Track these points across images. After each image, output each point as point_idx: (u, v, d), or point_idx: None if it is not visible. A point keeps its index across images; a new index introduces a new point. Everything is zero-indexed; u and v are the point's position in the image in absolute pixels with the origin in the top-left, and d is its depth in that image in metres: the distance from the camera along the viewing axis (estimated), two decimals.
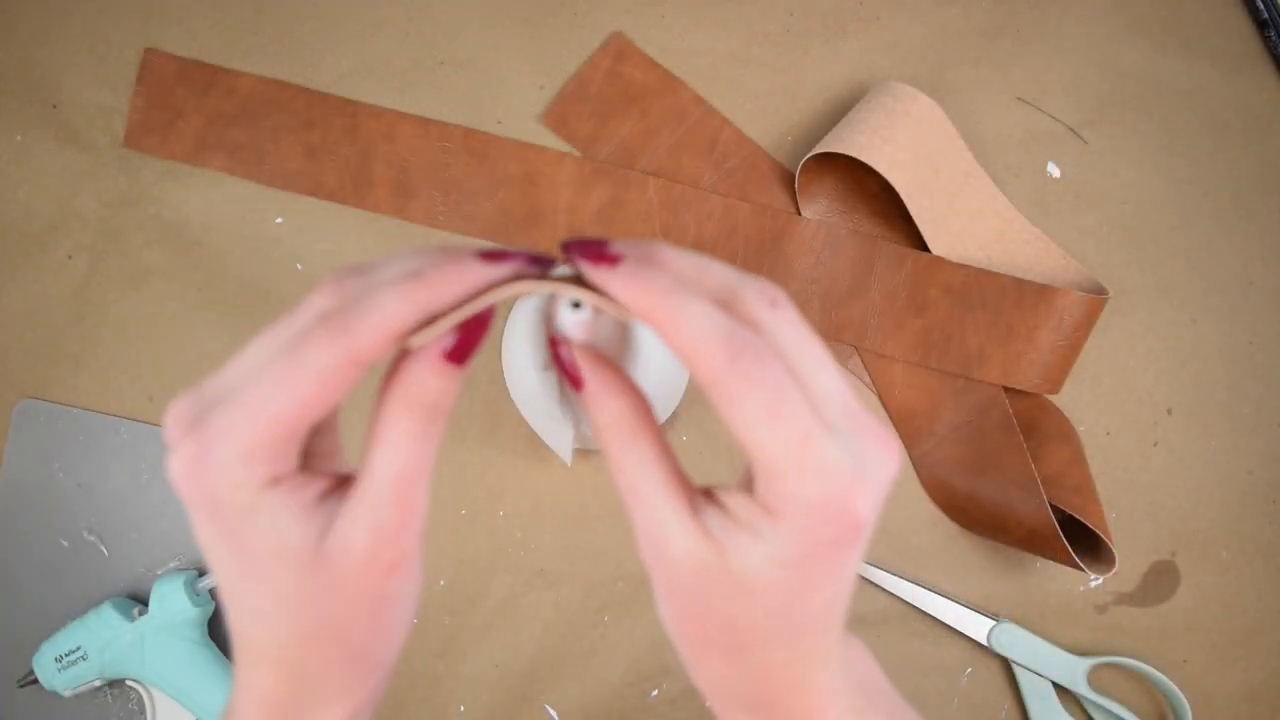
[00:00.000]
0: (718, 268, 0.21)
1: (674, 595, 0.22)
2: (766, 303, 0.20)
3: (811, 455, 0.19)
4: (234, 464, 0.19)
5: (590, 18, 0.52)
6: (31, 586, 0.52)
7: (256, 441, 0.19)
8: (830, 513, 0.20)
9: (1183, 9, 0.52)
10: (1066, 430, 0.50)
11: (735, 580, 0.21)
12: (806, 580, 0.21)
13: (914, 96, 0.48)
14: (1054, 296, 0.48)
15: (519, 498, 0.51)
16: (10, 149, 0.53)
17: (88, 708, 0.52)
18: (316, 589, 0.21)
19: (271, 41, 0.53)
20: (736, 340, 0.19)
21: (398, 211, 0.52)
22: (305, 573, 0.20)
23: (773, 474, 0.20)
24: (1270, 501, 0.51)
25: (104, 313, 0.53)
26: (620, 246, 0.21)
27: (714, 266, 0.21)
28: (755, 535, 0.20)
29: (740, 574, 0.21)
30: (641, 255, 0.21)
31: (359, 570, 0.21)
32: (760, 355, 0.19)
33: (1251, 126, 0.52)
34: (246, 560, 0.20)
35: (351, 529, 0.20)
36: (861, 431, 0.21)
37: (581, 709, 0.51)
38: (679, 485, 0.22)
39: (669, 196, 0.51)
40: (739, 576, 0.21)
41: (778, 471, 0.20)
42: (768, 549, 0.20)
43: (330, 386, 0.19)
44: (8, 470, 0.52)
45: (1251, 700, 0.50)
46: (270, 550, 0.20)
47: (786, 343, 0.20)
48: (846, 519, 0.20)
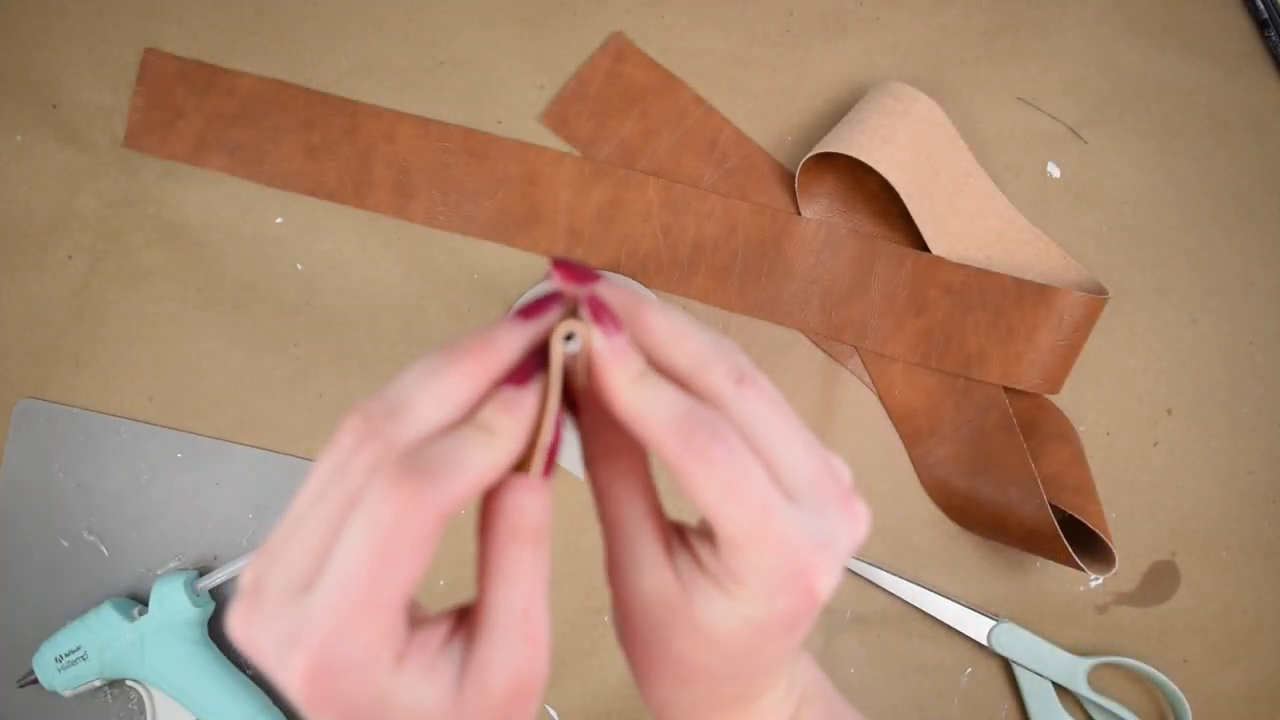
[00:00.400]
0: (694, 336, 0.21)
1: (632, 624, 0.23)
2: (734, 380, 0.21)
3: (771, 530, 0.20)
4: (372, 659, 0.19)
5: (590, 18, 0.52)
6: (31, 586, 0.52)
7: (377, 634, 0.19)
8: (789, 586, 0.20)
9: (1183, 9, 0.52)
10: (1066, 430, 0.50)
11: (696, 625, 0.21)
12: (763, 639, 0.21)
13: (914, 96, 0.48)
14: (1054, 296, 0.48)
15: None
16: (10, 149, 0.53)
17: (88, 708, 0.52)
18: None
19: (271, 41, 0.53)
20: (691, 422, 0.20)
21: (398, 211, 0.52)
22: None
23: (734, 546, 0.20)
24: (1270, 501, 0.51)
25: (104, 313, 0.53)
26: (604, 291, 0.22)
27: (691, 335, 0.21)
28: (720, 590, 0.21)
29: (702, 622, 0.21)
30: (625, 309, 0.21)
31: (502, 707, 0.20)
32: (716, 435, 0.20)
33: (1251, 126, 0.52)
34: None
35: (491, 674, 0.20)
36: (828, 501, 0.21)
37: (581, 709, 0.51)
38: (658, 522, 0.22)
39: (669, 196, 0.51)
40: (700, 623, 0.21)
41: (738, 545, 0.20)
42: (730, 606, 0.21)
43: (426, 552, 0.19)
44: (8, 470, 0.52)
45: (1251, 700, 0.50)
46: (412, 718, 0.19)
47: (751, 417, 0.21)
48: (805, 594, 0.20)
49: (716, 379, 0.21)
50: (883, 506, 0.51)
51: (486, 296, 0.52)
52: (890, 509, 0.51)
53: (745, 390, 0.21)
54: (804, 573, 0.20)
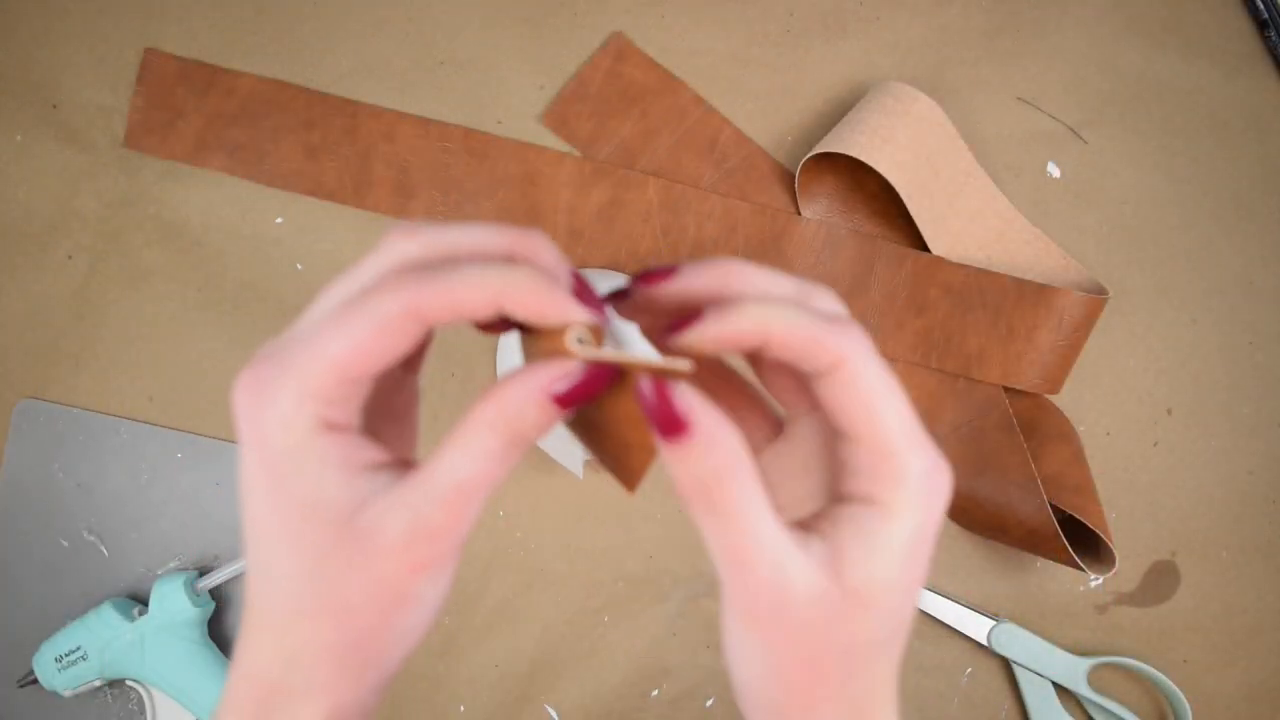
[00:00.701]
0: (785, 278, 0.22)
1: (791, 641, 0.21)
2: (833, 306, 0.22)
3: (919, 430, 0.21)
4: (287, 400, 0.19)
5: (590, 18, 0.52)
6: (31, 586, 0.52)
7: (312, 380, 0.19)
8: (936, 483, 0.21)
9: (1183, 9, 0.52)
10: (1066, 430, 0.50)
11: (854, 599, 0.20)
12: (917, 565, 0.21)
13: (914, 96, 0.48)
14: (1054, 296, 0.48)
15: (519, 498, 0.51)
16: (10, 149, 0.53)
17: (88, 708, 0.52)
18: (337, 560, 0.20)
19: (271, 41, 0.53)
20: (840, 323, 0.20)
21: (398, 211, 0.52)
22: (332, 538, 0.19)
23: (890, 452, 0.20)
24: (1270, 501, 0.51)
25: (104, 313, 0.53)
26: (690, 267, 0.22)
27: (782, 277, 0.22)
28: (868, 538, 0.20)
29: (859, 588, 0.20)
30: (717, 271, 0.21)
31: (386, 556, 0.20)
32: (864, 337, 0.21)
33: (1251, 126, 0.52)
34: (279, 509, 0.20)
35: (393, 511, 0.19)
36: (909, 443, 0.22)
37: (581, 709, 0.51)
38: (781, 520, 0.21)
39: (669, 196, 0.51)
40: (857, 592, 0.20)
41: (895, 449, 0.20)
42: (885, 545, 0.20)
43: (390, 335, 0.19)
44: (8, 470, 0.52)
45: (1251, 700, 0.50)
46: (305, 500, 0.19)
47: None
48: (946, 488, 0.21)
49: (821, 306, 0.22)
50: None
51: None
52: None
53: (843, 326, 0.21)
54: (941, 470, 0.21)
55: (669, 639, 0.51)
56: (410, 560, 0.20)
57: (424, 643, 0.51)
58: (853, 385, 0.20)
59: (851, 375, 0.20)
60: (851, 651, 0.21)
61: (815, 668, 0.21)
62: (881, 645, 0.21)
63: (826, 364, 0.20)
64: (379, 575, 0.20)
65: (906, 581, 0.21)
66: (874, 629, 0.21)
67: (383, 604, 0.20)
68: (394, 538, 0.19)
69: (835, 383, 0.21)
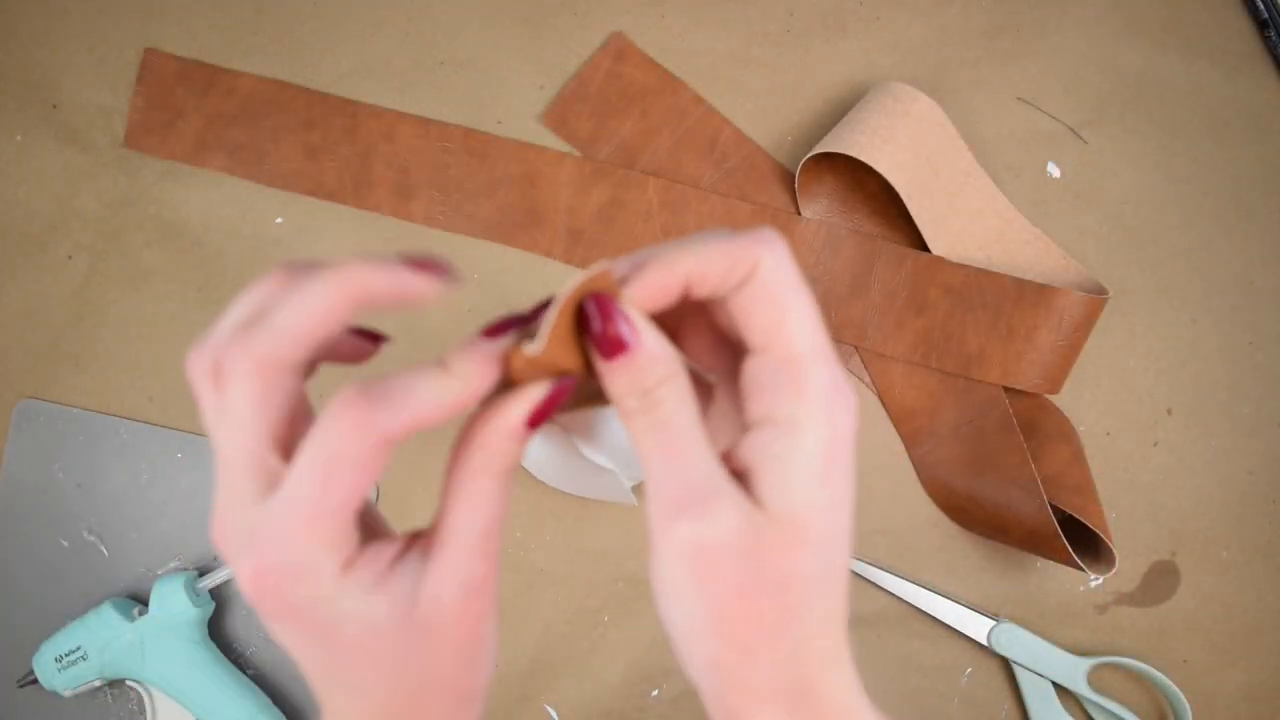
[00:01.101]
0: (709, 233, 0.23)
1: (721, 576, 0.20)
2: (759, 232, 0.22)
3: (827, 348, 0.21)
4: (312, 564, 0.20)
5: (590, 18, 0.52)
6: (31, 586, 0.52)
7: (321, 540, 0.20)
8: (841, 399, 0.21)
9: (1183, 9, 0.52)
10: (1066, 430, 0.50)
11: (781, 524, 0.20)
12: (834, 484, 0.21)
13: (914, 96, 0.48)
14: (1054, 296, 0.48)
15: (519, 498, 0.51)
16: (10, 149, 0.53)
17: (88, 708, 0.52)
18: (415, 651, 0.21)
19: (271, 41, 0.53)
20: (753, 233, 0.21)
21: (398, 211, 0.52)
22: (402, 639, 0.21)
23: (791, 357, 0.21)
24: (1270, 501, 0.51)
25: (104, 313, 0.53)
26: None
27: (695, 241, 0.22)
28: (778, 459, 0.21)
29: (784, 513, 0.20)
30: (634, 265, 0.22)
31: (454, 624, 0.21)
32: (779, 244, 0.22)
33: (1251, 126, 0.52)
34: (341, 649, 0.21)
35: (442, 587, 0.21)
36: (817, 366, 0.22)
37: (581, 709, 0.51)
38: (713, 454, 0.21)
39: (669, 196, 0.51)
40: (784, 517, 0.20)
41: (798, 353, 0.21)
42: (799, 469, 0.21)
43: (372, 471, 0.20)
44: (8, 470, 0.52)
45: (1251, 700, 0.50)
46: (364, 632, 0.21)
47: None
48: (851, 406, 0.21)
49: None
50: (883, 506, 0.51)
51: (486, 297, 0.52)
52: (890, 509, 0.51)
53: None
54: (845, 389, 0.21)
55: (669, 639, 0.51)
56: (472, 616, 0.21)
57: None
58: (761, 288, 0.21)
59: (761, 278, 0.21)
60: (784, 586, 0.21)
61: (748, 607, 0.21)
62: (815, 580, 0.21)
63: (742, 275, 0.21)
64: (455, 641, 0.21)
65: (826, 501, 0.21)
66: (803, 559, 0.21)
67: (466, 659, 0.22)
68: (454, 608, 0.21)
69: (747, 294, 0.21)
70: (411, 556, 0.22)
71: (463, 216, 0.52)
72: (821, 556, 0.21)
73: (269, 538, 0.20)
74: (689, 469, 0.21)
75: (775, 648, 0.21)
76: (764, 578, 0.21)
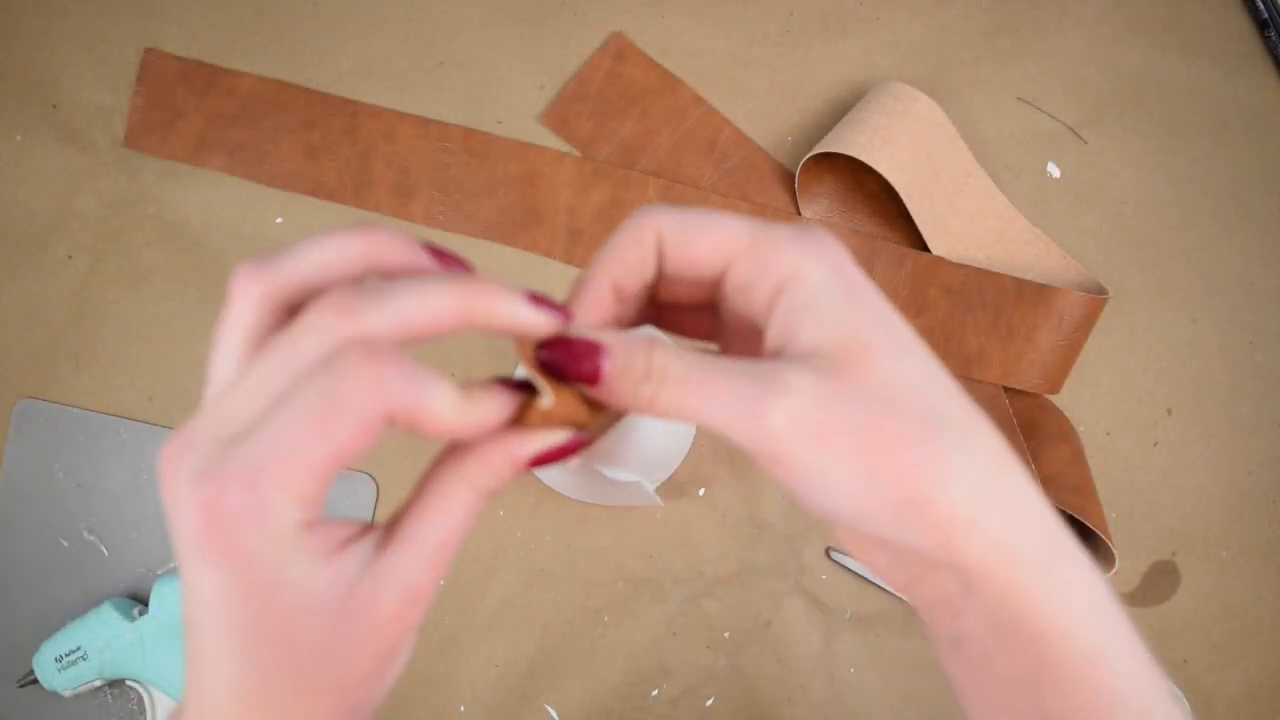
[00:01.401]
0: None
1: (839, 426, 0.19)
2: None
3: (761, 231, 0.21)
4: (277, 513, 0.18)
5: (590, 18, 0.52)
6: (31, 586, 0.52)
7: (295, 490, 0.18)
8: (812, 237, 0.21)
9: (1183, 9, 0.52)
10: (1066, 430, 0.50)
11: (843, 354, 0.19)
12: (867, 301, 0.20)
13: (914, 96, 0.48)
14: (1054, 296, 0.48)
15: (519, 498, 0.51)
16: (10, 149, 0.53)
17: (88, 708, 0.52)
18: (335, 645, 0.20)
19: (271, 41, 0.53)
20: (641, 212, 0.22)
21: (398, 211, 0.52)
22: (327, 627, 0.19)
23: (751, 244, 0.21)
24: (1270, 501, 0.51)
25: (104, 313, 0.53)
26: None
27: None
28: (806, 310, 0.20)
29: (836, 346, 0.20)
30: None
31: (382, 628, 0.20)
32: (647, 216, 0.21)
33: (1251, 126, 0.52)
34: (265, 615, 0.19)
35: (385, 587, 0.20)
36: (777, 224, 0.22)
37: (581, 709, 0.51)
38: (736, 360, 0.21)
39: (669, 196, 0.51)
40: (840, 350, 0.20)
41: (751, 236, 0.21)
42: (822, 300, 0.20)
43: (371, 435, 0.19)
44: (8, 470, 0.52)
45: (1251, 700, 0.50)
46: (297, 604, 0.19)
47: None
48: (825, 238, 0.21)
49: None
50: None
51: None
52: None
53: None
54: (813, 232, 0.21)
55: (669, 639, 0.51)
56: (403, 625, 0.20)
57: (424, 643, 0.51)
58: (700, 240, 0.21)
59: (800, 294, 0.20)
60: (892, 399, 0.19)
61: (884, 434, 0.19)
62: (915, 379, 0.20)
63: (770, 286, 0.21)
64: (376, 646, 0.20)
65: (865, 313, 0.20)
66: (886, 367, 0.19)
67: (378, 669, 0.21)
68: (389, 611, 0.20)
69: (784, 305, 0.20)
70: (365, 543, 0.20)
71: (463, 216, 0.52)
72: (900, 358, 0.20)
73: (239, 471, 0.18)
74: (737, 385, 0.19)
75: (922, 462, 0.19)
76: (872, 402, 0.19)
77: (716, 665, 0.51)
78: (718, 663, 0.51)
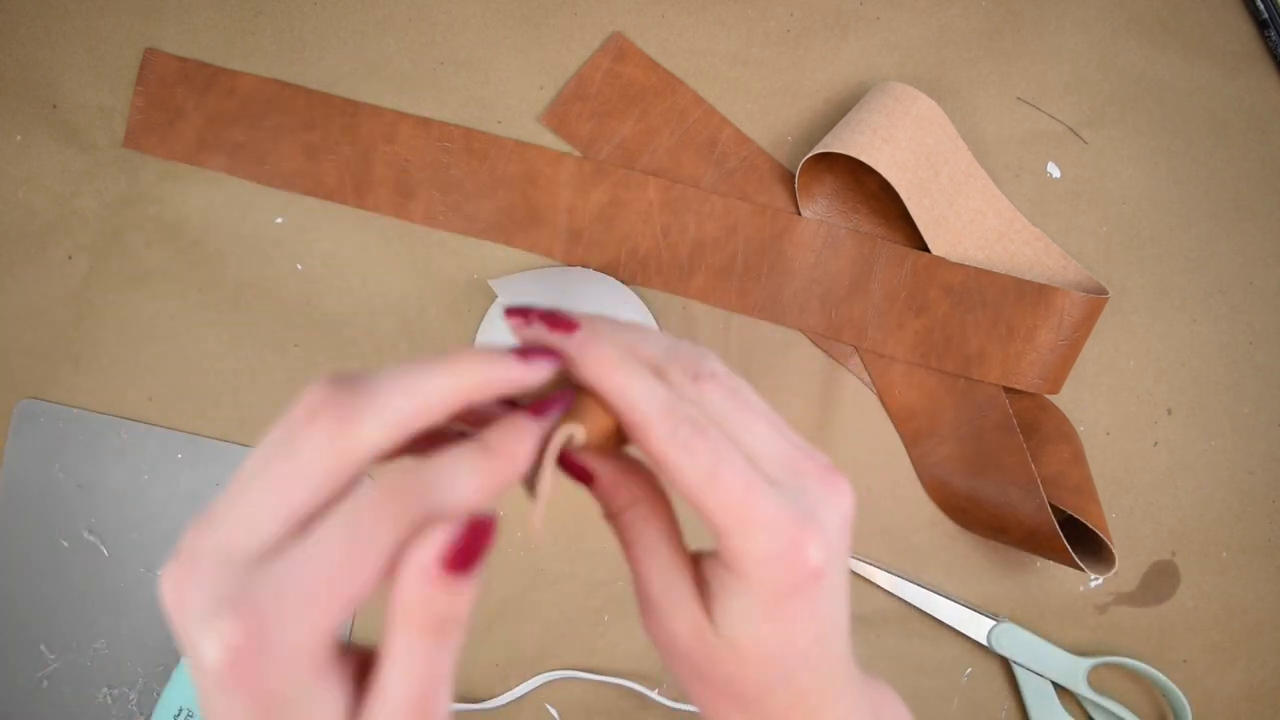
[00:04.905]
0: (652, 339, 0.23)
1: (680, 663, 0.24)
2: (691, 377, 0.22)
3: (753, 512, 0.21)
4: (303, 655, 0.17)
5: (590, 18, 0.52)
6: (31, 586, 0.52)
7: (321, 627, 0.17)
8: (782, 564, 0.21)
9: (1183, 9, 0.52)
10: (1066, 430, 0.50)
11: (726, 644, 0.22)
12: (782, 629, 0.22)
13: (914, 96, 0.48)
14: (1054, 296, 0.48)
15: (519, 498, 0.51)
16: (10, 149, 0.53)
17: (88, 709, 0.52)
18: None
19: (271, 41, 0.53)
20: (676, 413, 0.21)
21: (398, 211, 0.52)
22: None
23: (722, 533, 0.21)
24: (1270, 501, 0.51)
25: (104, 313, 0.53)
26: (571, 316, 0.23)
27: (649, 338, 0.23)
28: (729, 596, 0.22)
29: (728, 638, 0.22)
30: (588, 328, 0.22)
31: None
32: (696, 426, 0.21)
33: (1251, 126, 0.52)
34: None
35: None
36: (806, 478, 0.22)
37: (582, 709, 0.51)
38: (686, 560, 0.23)
39: (669, 196, 0.51)
40: (728, 640, 0.22)
41: (726, 531, 0.21)
42: (740, 606, 0.22)
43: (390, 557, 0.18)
44: (8, 470, 0.52)
45: (1251, 700, 0.50)
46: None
47: (716, 408, 0.22)
48: (799, 567, 0.21)
49: (674, 377, 0.22)
50: (883, 506, 0.51)
51: (486, 297, 0.52)
52: (890, 509, 0.51)
53: (703, 386, 0.22)
54: (794, 545, 0.21)
55: None
56: None
57: None
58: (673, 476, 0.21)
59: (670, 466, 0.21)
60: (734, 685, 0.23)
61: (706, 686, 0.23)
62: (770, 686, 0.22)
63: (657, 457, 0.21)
64: None
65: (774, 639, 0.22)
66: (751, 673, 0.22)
67: None
68: None
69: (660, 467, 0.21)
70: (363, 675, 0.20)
71: (463, 216, 0.52)
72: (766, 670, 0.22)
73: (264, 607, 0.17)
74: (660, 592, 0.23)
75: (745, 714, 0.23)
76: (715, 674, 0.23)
77: None
78: None
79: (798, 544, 0.21)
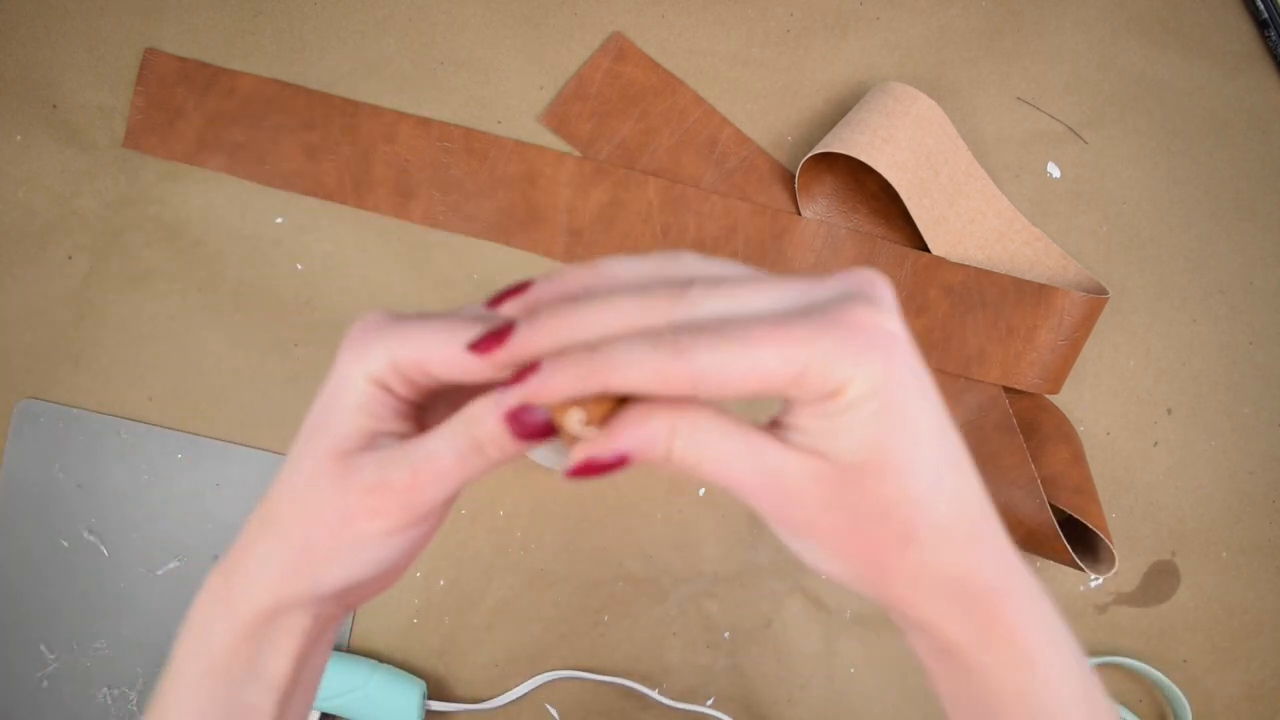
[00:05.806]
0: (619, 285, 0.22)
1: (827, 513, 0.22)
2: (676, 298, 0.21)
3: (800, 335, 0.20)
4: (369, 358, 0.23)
5: (590, 18, 0.52)
6: (31, 586, 0.52)
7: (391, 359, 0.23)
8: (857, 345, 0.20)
9: (1183, 9, 0.52)
10: (1066, 430, 0.50)
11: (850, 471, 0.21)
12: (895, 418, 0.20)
13: (914, 96, 0.48)
14: (1054, 296, 0.48)
15: (519, 498, 0.51)
16: (10, 149, 0.53)
17: (88, 708, 0.52)
18: (324, 485, 0.23)
19: (271, 41, 0.53)
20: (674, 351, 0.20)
21: (398, 211, 0.52)
22: (331, 468, 0.23)
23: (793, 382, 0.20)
24: (1270, 501, 0.51)
25: (104, 313, 0.53)
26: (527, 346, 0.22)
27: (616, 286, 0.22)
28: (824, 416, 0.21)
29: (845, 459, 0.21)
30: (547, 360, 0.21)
31: (352, 492, 0.23)
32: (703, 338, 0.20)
33: (1251, 126, 0.52)
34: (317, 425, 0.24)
35: (373, 463, 0.23)
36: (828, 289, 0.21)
37: (581, 709, 0.51)
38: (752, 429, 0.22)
39: (669, 196, 0.51)
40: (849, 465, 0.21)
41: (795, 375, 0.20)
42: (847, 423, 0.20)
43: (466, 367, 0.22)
44: (8, 470, 0.52)
45: (1251, 700, 0.50)
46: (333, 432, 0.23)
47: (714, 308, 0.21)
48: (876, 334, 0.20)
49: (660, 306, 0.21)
50: None
51: (486, 296, 0.52)
52: None
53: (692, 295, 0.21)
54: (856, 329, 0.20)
55: (669, 639, 0.51)
56: (368, 505, 0.23)
57: (424, 643, 0.51)
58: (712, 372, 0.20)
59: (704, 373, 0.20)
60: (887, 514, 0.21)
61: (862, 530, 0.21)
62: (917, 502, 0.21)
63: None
64: (342, 505, 0.23)
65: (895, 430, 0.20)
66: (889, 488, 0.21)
67: (335, 527, 0.24)
68: (364, 481, 0.23)
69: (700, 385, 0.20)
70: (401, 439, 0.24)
71: (463, 216, 0.52)
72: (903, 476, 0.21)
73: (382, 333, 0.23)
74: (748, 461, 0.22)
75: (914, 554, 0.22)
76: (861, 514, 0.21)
77: (716, 665, 0.51)
78: (718, 663, 0.51)
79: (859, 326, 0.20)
